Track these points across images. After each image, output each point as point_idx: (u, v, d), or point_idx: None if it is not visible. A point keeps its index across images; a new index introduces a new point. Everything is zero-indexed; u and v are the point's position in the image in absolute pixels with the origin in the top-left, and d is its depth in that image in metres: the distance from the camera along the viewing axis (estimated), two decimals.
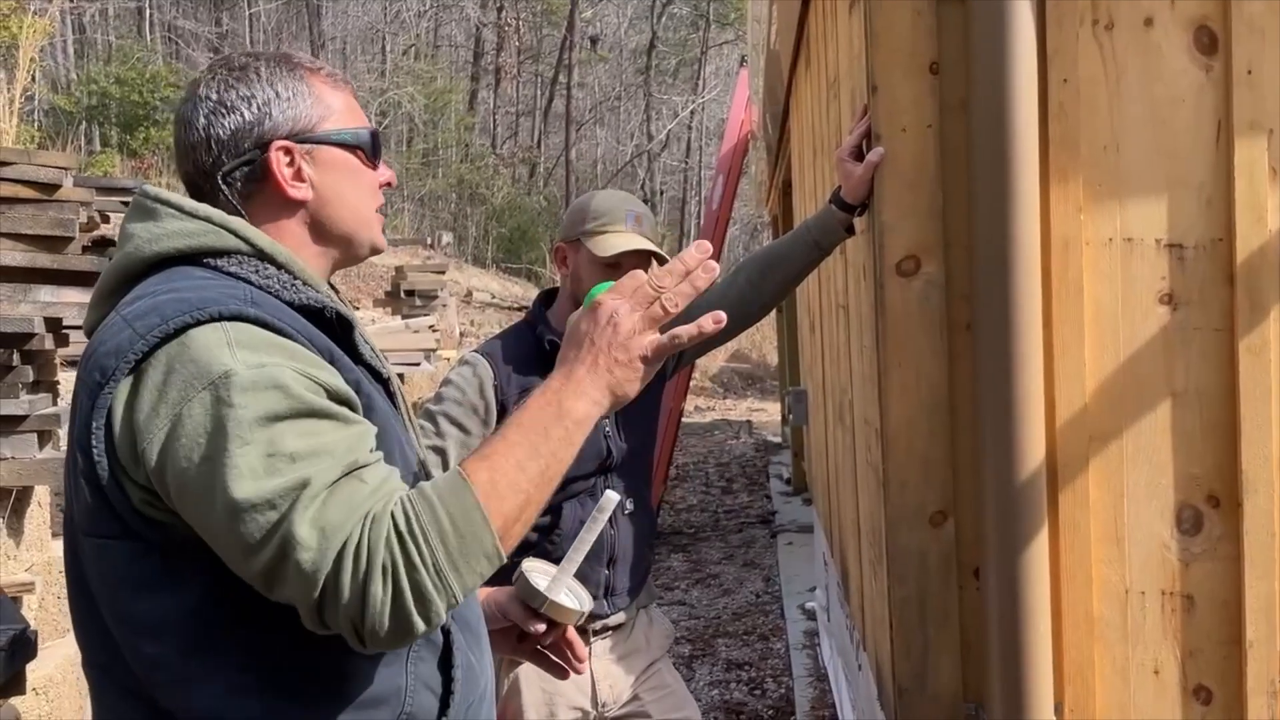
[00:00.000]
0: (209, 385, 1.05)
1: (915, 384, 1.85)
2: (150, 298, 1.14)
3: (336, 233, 1.29)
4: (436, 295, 8.22)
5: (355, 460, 1.07)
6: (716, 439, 11.50)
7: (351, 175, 1.29)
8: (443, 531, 1.06)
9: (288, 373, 1.08)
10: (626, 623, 2.25)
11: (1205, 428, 1.79)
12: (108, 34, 21.70)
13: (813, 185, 3.68)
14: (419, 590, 1.04)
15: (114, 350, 1.10)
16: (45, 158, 3.07)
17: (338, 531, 1.03)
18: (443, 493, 1.09)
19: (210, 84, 1.25)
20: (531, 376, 2.14)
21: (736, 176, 7.82)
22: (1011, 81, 1.71)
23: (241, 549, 1.04)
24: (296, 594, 1.03)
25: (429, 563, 1.05)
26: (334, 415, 1.09)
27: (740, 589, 5.87)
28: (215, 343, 1.08)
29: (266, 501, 1.03)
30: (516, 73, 27.82)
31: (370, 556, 1.03)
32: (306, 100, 1.26)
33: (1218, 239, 1.78)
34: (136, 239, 1.20)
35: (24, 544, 3.03)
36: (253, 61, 1.27)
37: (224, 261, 1.19)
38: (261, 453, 1.03)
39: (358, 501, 1.05)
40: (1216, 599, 1.80)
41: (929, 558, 1.86)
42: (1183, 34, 1.78)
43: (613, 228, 2.15)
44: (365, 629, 1.03)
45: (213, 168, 1.24)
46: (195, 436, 1.04)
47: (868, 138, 1.94)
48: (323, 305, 1.20)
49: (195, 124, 1.24)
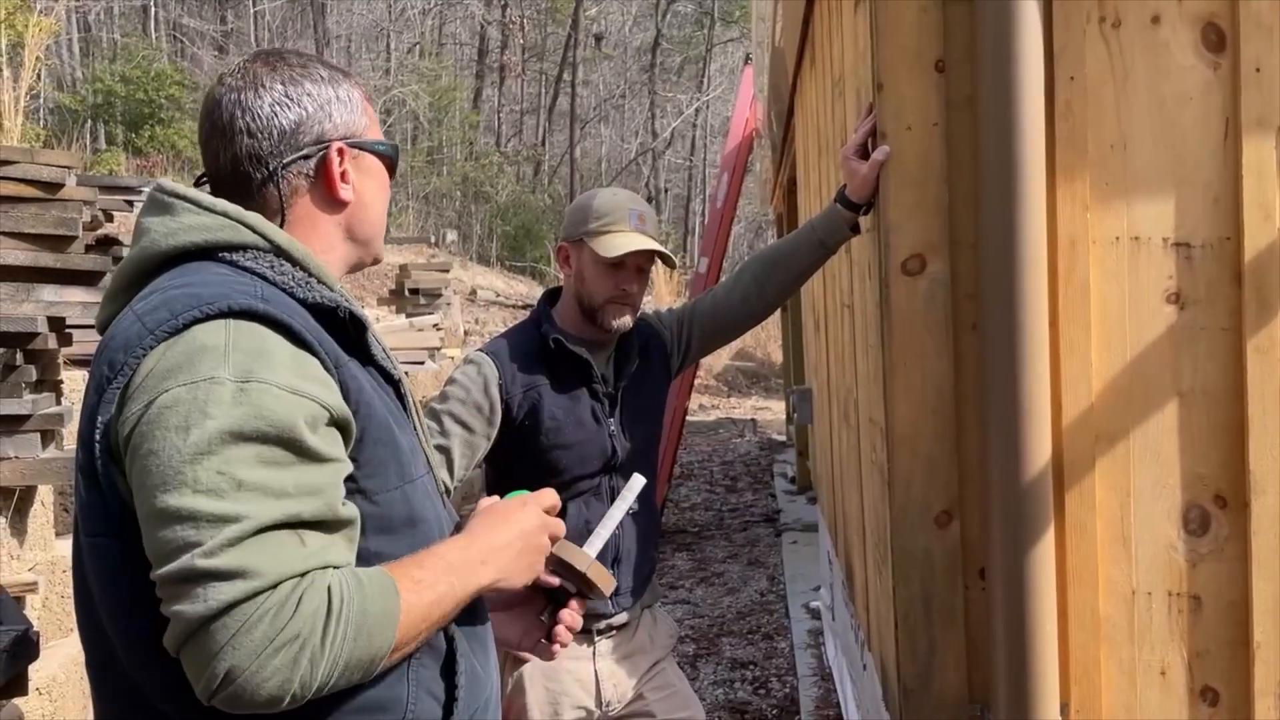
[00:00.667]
0: (191, 383, 1.05)
1: (920, 383, 1.84)
2: (162, 292, 1.14)
3: (362, 237, 1.33)
4: (440, 293, 8.22)
5: (300, 512, 1.05)
6: (721, 437, 11.49)
7: (380, 185, 1.34)
8: (359, 626, 1.05)
9: (272, 392, 1.06)
10: (630, 622, 2.24)
11: (1212, 427, 1.78)
12: (113, 32, 21.72)
13: (818, 183, 3.67)
14: (311, 673, 1.02)
15: (123, 345, 1.11)
16: (48, 156, 3.07)
17: (259, 577, 1.01)
18: (371, 589, 1.08)
19: (272, 75, 1.26)
20: (536, 375, 2.14)
21: (741, 174, 7.81)
22: (1018, 79, 1.70)
23: (153, 553, 1.03)
24: (189, 615, 1.00)
25: (337, 651, 1.03)
26: (304, 449, 1.06)
27: (745, 588, 5.86)
28: (213, 342, 1.08)
29: (191, 518, 1.01)
30: (521, 70, 27.81)
31: (290, 621, 1.01)
32: (357, 107, 1.32)
33: (1225, 238, 1.77)
34: (152, 233, 1.20)
35: (27, 544, 3.03)
36: (311, 61, 1.30)
37: (240, 256, 1.19)
38: (212, 468, 1.02)
39: (293, 558, 1.03)
40: (1223, 600, 1.79)
41: (934, 558, 1.85)
42: (1190, 31, 1.77)
43: (616, 227, 2.14)
44: (234, 687, 0.99)
45: (271, 156, 1.25)
46: (159, 426, 1.04)
47: (873, 136, 1.94)
48: (336, 304, 1.20)
49: (257, 110, 1.24)
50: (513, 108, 28.84)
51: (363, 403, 1.17)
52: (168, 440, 1.03)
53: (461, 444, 2.08)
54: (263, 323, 1.11)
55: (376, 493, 1.17)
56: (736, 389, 15.49)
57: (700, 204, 28.64)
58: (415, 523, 1.22)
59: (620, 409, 2.19)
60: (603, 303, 2.15)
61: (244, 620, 1.00)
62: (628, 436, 2.20)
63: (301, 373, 1.10)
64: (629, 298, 2.16)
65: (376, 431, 1.18)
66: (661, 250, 2.16)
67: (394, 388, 1.27)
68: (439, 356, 6.99)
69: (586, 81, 28.08)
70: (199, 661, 1.01)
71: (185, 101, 17.86)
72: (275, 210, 1.26)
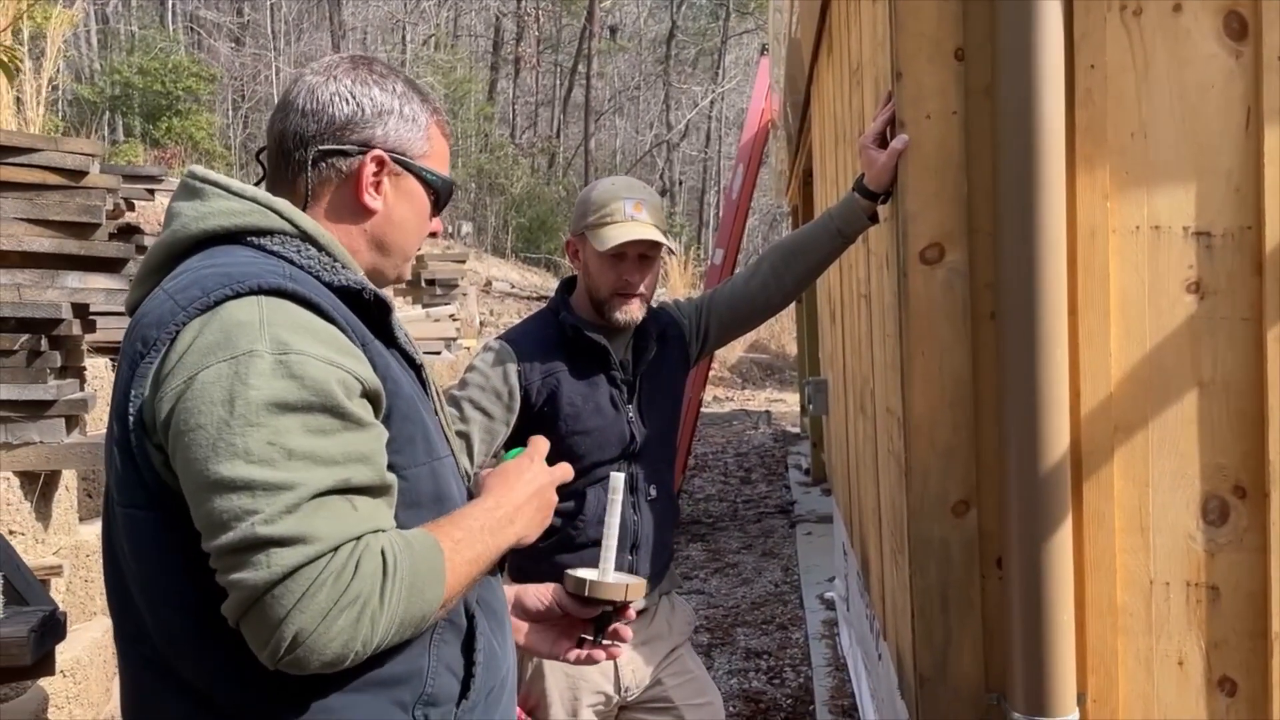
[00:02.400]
0: (231, 359, 1.07)
1: (938, 373, 1.84)
2: (193, 273, 1.17)
3: (389, 251, 1.35)
4: (457, 284, 8.24)
5: (349, 478, 1.08)
6: (735, 429, 11.49)
7: (419, 212, 1.36)
8: (412, 585, 1.09)
9: (311, 363, 1.09)
10: (649, 608, 2.25)
11: (1232, 418, 1.78)
12: (130, 24, 21.80)
13: (834, 173, 3.66)
14: (372, 631, 1.06)
15: (156, 321, 1.13)
16: (72, 144, 3.09)
17: (319, 541, 1.04)
18: (418, 548, 1.12)
19: (349, 73, 1.31)
20: (555, 362, 2.15)
21: (756, 166, 7.79)
22: (1038, 67, 1.70)
23: (206, 524, 1.05)
24: (252, 581, 1.03)
25: (395, 610, 1.08)
26: (346, 415, 1.09)
27: (759, 578, 5.87)
28: (248, 318, 1.10)
29: (246, 487, 1.03)
30: (536, 62, 27.81)
31: (351, 582, 1.04)
32: (420, 131, 1.33)
33: (1246, 227, 1.76)
34: (183, 217, 1.23)
35: (52, 528, 3.06)
36: (393, 74, 1.33)
37: (267, 240, 1.21)
38: (262, 439, 1.04)
39: (348, 522, 1.07)
40: (1242, 590, 1.78)
41: (951, 547, 1.85)
42: (1212, 19, 1.75)
43: (611, 218, 2.14)
44: (301, 649, 1.03)
45: (313, 139, 1.28)
46: (202, 401, 1.06)
47: (892, 124, 1.93)
48: (362, 286, 1.22)
49: (319, 96, 1.28)
50: (527, 100, 28.84)
51: (390, 379, 1.19)
52: (214, 413, 1.05)
53: (481, 430, 2.09)
54: (292, 301, 1.13)
55: (405, 467, 1.19)
56: (751, 381, 15.48)
57: (715, 196, 28.59)
58: (442, 499, 1.25)
59: (638, 395, 2.20)
60: (608, 295, 2.15)
61: (308, 584, 1.03)
62: (646, 423, 2.20)
63: (333, 345, 1.13)
64: (633, 288, 2.15)
65: (404, 408, 1.20)
66: (657, 238, 2.14)
67: (416, 372, 1.29)
68: (455, 347, 7.01)
69: (601, 73, 28.05)
70: (265, 627, 1.03)
71: (202, 93, 17.93)
72: (301, 195, 1.28)
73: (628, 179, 2.28)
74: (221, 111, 21.05)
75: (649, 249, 2.17)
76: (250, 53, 22.61)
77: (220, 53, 21.80)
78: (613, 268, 2.14)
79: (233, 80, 21.38)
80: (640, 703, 2.24)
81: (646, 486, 2.21)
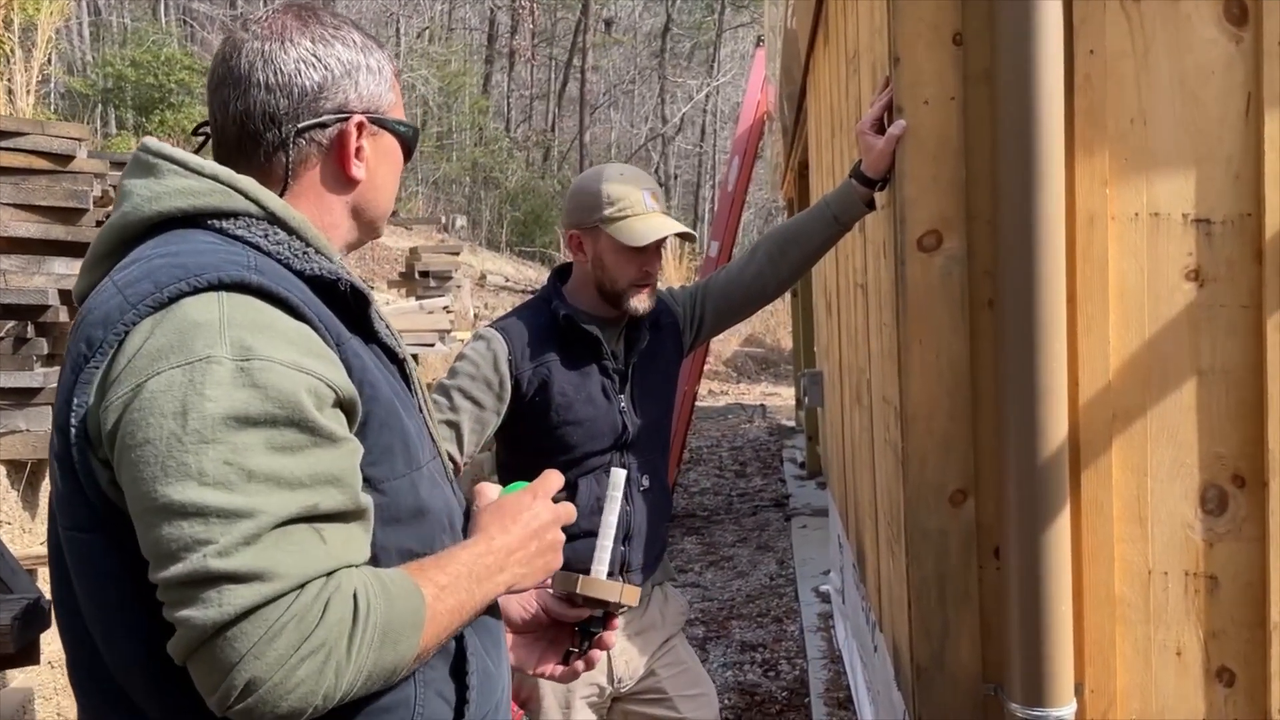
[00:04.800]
0: (185, 364, 0.95)
1: (936, 361, 1.82)
2: (145, 262, 1.04)
3: (368, 217, 1.25)
4: (450, 276, 8.21)
5: (317, 504, 0.97)
6: (730, 423, 11.49)
7: (394, 166, 1.26)
8: (385, 634, 0.98)
9: (277, 370, 0.97)
10: (642, 599, 2.24)
11: (1231, 406, 1.76)
12: (123, 17, 21.71)
13: (830, 164, 3.65)
14: (335, 684, 0.95)
15: (102, 320, 1.01)
16: (59, 128, 3.05)
17: (281, 579, 0.93)
18: (396, 593, 1.01)
19: (302, 30, 1.17)
20: (546, 351, 2.13)
21: (752, 159, 7.77)
22: (1037, 53, 1.68)
23: (153, 553, 0.94)
24: (200, 621, 0.91)
25: (362, 660, 0.96)
26: (316, 429, 0.98)
27: (754, 571, 5.86)
28: (206, 318, 0.98)
29: (199, 513, 0.92)
30: (531, 56, 27.73)
31: (316, 628, 0.93)
32: (385, 81, 1.23)
33: (1246, 214, 1.75)
34: (135, 197, 1.10)
35: (39, 517, 3.05)
36: (345, 24, 1.22)
37: (230, 224, 1.09)
38: (219, 457, 0.93)
39: (314, 556, 0.95)
40: (1240, 580, 1.77)
41: (949, 537, 1.84)
42: (1212, 5, 1.74)
43: (634, 211, 2.11)
44: (254, 698, 0.91)
45: (287, 117, 1.15)
46: (151, 413, 0.94)
47: (889, 110, 1.92)
48: (337, 277, 1.11)
49: (280, 65, 1.15)
50: (522, 93, 28.78)
51: (367, 383, 1.08)
52: (164, 427, 0.93)
53: (471, 419, 2.07)
54: (257, 296, 1.01)
55: (383, 481, 1.09)
56: (746, 375, 15.47)
57: (710, 190, 28.58)
58: (423, 513, 1.14)
59: (631, 385, 2.19)
60: (626, 286, 2.14)
61: (266, 627, 0.92)
62: (639, 413, 2.19)
63: (303, 348, 1.01)
64: (651, 278, 2.16)
65: (383, 414, 1.09)
66: (685, 230, 2.15)
67: (399, 367, 1.19)
68: (449, 339, 6.99)
69: (596, 67, 27.99)
70: (215, 671, 0.92)
71: (195, 86, 17.85)
72: (279, 179, 1.16)
73: (632, 168, 2.24)
74: None
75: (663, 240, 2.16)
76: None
77: (213, 45, 21.72)
78: (634, 260, 2.13)
79: None
80: (634, 694, 2.23)
81: (640, 477, 2.19)
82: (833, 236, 2.24)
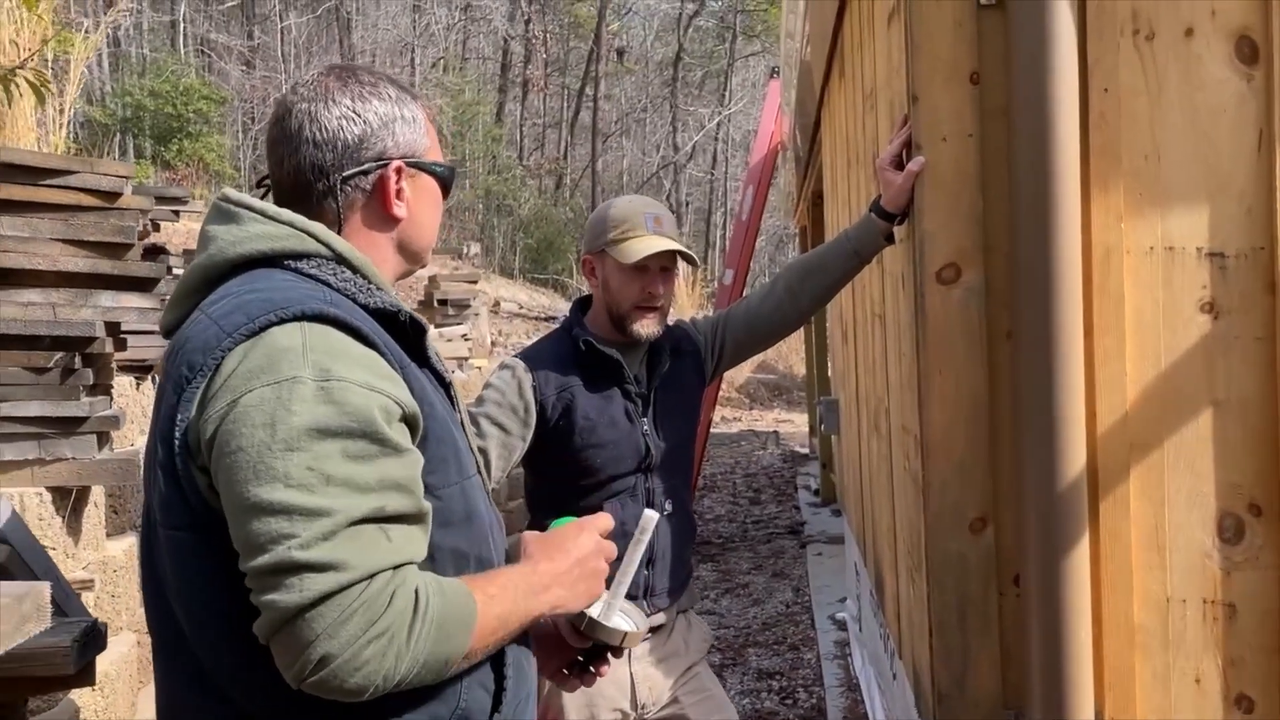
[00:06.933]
0: (274, 383, 1.09)
1: (955, 391, 1.86)
2: (235, 297, 1.18)
3: (412, 250, 1.37)
4: (469, 304, 8.28)
5: (384, 506, 1.10)
6: (744, 449, 11.49)
7: (434, 204, 1.39)
8: (440, 627, 1.10)
9: (352, 389, 1.11)
10: (666, 625, 2.27)
11: (1247, 436, 1.79)
12: (142, 47, 22.00)
13: (846, 195, 3.70)
14: (395, 667, 1.07)
15: (201, 346, 1.15)
16: (106, 167, 3.14)
17: (351, 569, 1.05)
18: (450, 594, 1.13)
19: (343, 90, 1.31)
20: (569, 377, 2.18)
21: (766, 189, 7.83)
22: (1052, 91, 1.73)
23: (244, 545, 1.07)
24: (284, 604, 1.04)
25: (419, 649, 1.08)
26: (385, 441, 1.11)
27: (770, 599, 5.86)
28: (291, 344, 1.12)
29: (284, 511, 1.05)
30: (544, 85, 27.98)
31: (382, 614, 1.06)
32: (420, 128, 1.35)
33: (1259, 248, 1.78)
34: (219, 241, 1.25)
35: (82, 543, 3.09)
36: (382, 80, 1.35)
37: (304, 264, 1.23)
38: (302, 463, 1.06)
39: (380, 552, 1.08)
40: (1259, 608, 1.80)
41: (969, 564, 1.86)
42: (1224, 44, 1.78)
43: (634, 233, 2.18)
44: (326, 672, 1.04)
45: (333, 168, 1.29)
46: (245, 424, 1.08)
47: (908, 147, 1.96)
48: (398, 309, 1.25)
49: (324, 123, 1.29)
50: (535, 121, 29.00)
51: (425, 401, 1.21)
52: (255, 437, 1.07)
53: (499, 445, 2.12)
54: (334, 325, 1.15)
55: (439, 487, 1.22)
56: (759, 401, 15.48)
57: (722, 217, 28.69)
58: (472, 517, 1.27)
59: (653, 409, 2.23)
60: (630, 308, 2.19)
61: (340, 610, 1.04)
62: (661, 436, 2.23)
63: (373, 370, 1.15)
64: (655, 300, 2.20)
65: (438, 429, 1.23)
66: (681, 249, 2.20)
67: (445, 390, 1.32)
68: (467, 366, 7.04)
69: (608, 96, 28.21)
70: (293, 648, 1.05)
71: (212, 115, 18.07)
72: (332, 222, 1.30)
73: (643, 197, 2.33)
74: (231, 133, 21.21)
75: (670, 262, 2.21)
76: (260, 75, 22.79)
77: (231, 75, 22.00)
78: (636, 280, 2.18)
79: (243, 103, 21.56)
80: None
81: (663, 501, 2.23)
82: (852, 269, 2.28)
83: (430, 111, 1.40)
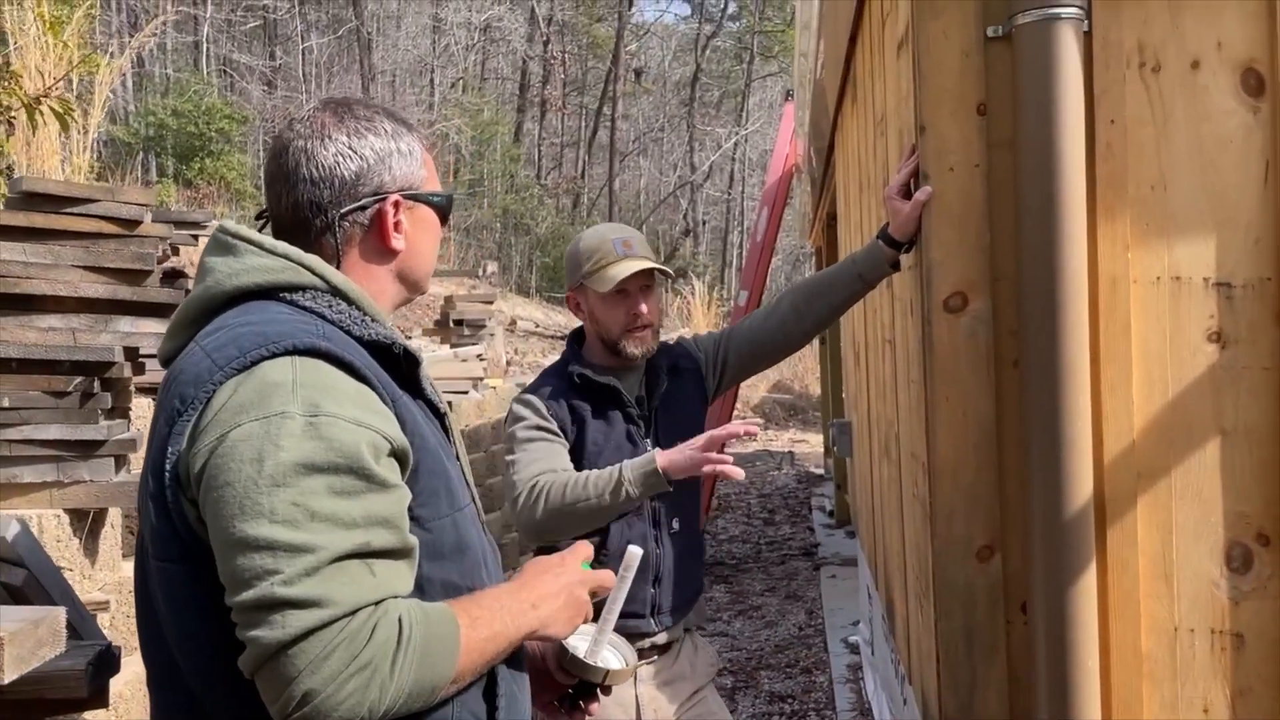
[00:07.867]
0: (262, 418, 1.10)
1: (962, 419, 1.87)
2: (229, 330, 1.20)
3: (412, 279, 1.39)
4: (484, 324, 8.32)
5: (369, 542, 1.10)
6: (758, 470, 11.47)
7: (432, 233, 1.40)
8: (424, 655, 1.10)
9: (340, 425, 1.11)
10: (673, 646, 2.28)
11: (1255, 466, 1.79)
12: (165, 67, 22.26)
13: (858, 219, 3.71)
14: (380, 698, 1.07)
15: (193, 379, 1.16)
16: (127, 194, 3.21)
17: (335, 605, 1.06)
18: (434, 620, 1.13)
19: (338, 126, 1.32)
20: (574, 405, 2.23)
21: (781, 209, 7.86)
22: (1059, 122, 1.74)
23: (229, 580, 1.08)
24: (267, 640, 1.05)
25: (404, 678, 1.08)
26: (372, 476, 1.11)
27: (783, 621, 5.85)
28: (281, 379, 1.13)
29: (269, 547, 1.05)
30: (562, 105, 28.14)
31: (364, 648, 1.06)
32: (416, 160, 1.37)
33: (1266, 278, 1.79)
34: (217, 273, 1.26)
35: (98, 564, 3.13)
36: (377, 114, 1.36)
37: (299, 296, 1.25)
38: (288, 499, 1.07)
39: (364, 587, 1.09)
40: (1267, 637, 1.79)
41: (976, 592, 1.87)
42: (1230, 76, 1.80)
43: (605, 260, 2.23)
44: (309, 708, 1.04)
45: (331, 205, 1.31)
46: (232, 459, 1.08)
47: (915, 176, 1.98)
48: (392, 341, 1.26)
49: (321, 160, 1.30)
50: (553, 141, 29.16)
51: (417, 434, 1.22)
52: (242, 472, 1.08)
53: (560, 451, 2.16)
54: (325, 360, 1.16)
55: (429, 520, 1.22)
56: (774, 421, 15.45)
57: (738, 236, 28.73)
58: (464, 549, 1.27)
59: (655, 428, 2.26)
60: (620, 333, 2.23)
61: (323, 646, 1.05)
62: None
63: (363, 405, 1.15)
64: (643, 318, 2.23)
65: (430, 462, 1.23)
66: (654, 265, 2.23)
67: (439, 420, 1.32)
68: (482, 387, 7.07)
69: (626, 115, 28.35)
70: (277, 684, 1.05)
71: (234, 135, 18.24)
72: (331, 255, 1.31)
73: (611, 224, 2.38)
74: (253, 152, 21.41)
75: (648, 279, 2.25)
76: (282, 95, 23.02)
77: (253, 95, 22.21)
78: (619, 305, 2.22)
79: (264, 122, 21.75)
80: None
81: (669, 520, 2.25)
82: (857, 293, 2.30)
83: (425, 141, 1.42)
